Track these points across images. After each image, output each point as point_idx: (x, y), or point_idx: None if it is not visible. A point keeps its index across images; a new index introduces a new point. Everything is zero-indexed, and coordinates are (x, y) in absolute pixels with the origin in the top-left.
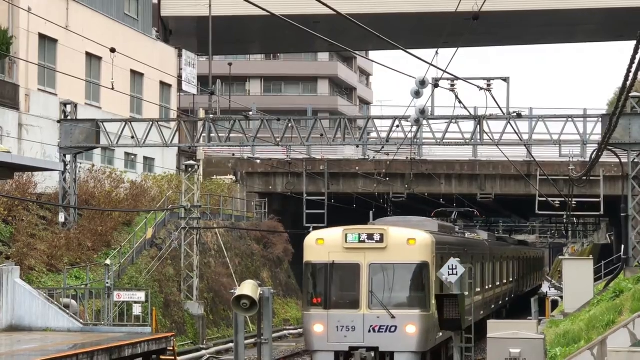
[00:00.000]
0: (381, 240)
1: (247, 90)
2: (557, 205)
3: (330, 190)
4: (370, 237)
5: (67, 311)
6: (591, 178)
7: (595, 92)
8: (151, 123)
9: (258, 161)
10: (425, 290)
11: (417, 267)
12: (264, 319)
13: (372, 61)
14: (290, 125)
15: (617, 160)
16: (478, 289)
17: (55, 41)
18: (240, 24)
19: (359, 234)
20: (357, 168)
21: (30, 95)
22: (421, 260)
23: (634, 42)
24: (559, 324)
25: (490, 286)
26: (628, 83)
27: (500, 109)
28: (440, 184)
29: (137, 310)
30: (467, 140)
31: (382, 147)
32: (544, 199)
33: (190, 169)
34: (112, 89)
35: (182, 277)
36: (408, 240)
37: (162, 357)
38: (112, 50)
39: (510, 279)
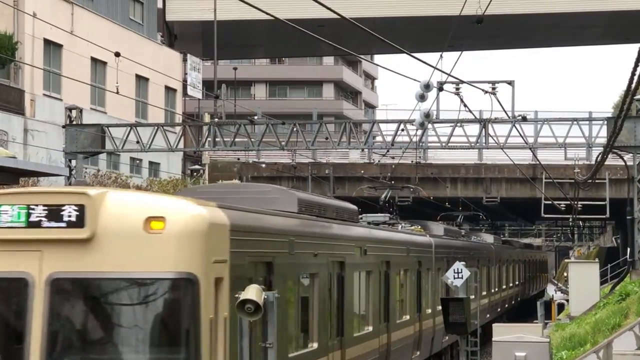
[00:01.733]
0: (80, 223)
1: (252, 94)
2: (563, 208)
3: (336, 194)
4: (55, 214)
5: None
6: (597, 181)
7: (601, 94)
8: (156, 128)
9: (263, 165)
10: (190, 342)
11: (168, 287)
12: (269, 323)
13: (377, 65)
14: (295, 129)
15: (623, 163)
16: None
17: (60, 46)
18: (245, 28)
19: (28, 209)
20: (363, 172)
21: (35, 101)
22: (178, 271)
23: (639, 45)
24: (565, 327)
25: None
26: (633, 86)
27: (506, 112)
28: (445, 188)
29: None
30: (472, 144)
31: (388, 151)
32: (550, 202)
33: (195, 174)
34: (117, 93)
35: None
36: (148, 221)
37: None
38: (117, 54)
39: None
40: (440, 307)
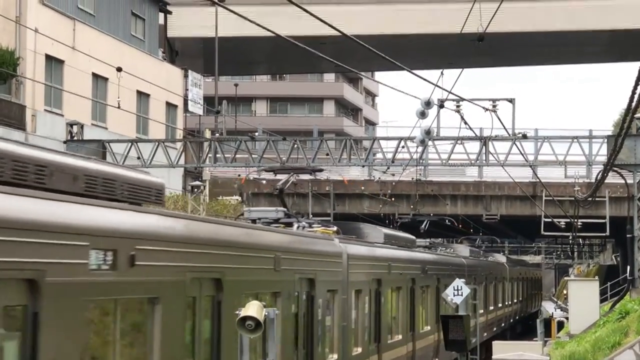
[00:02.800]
0: None
1: (253, 110)
2: (563, 226)
3: (336, 210)
4: None
5: None
6: (597, 199)
7: (601, 113)
8: (157, 143)
9: (264, 182)
10: None
11: None
12: (269, 339)
13: (378, 82)
14: (296, 145)
15: (623, 181)
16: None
17: (61, 62)
18: (246, 45)
19: None
20: (363, 188)
21: (36, 116)
22: None
23: (639, 63)
24: (564, 345)
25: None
26: (633, 104)
27: (506, 129)
28: (445, 205)
29: None
30: (473, 161)
31: (388, 168)
32: (550, 219)
33: (196, 190)
34: (119, 107)
35: None
36: None
37: None
38: (119, 69)
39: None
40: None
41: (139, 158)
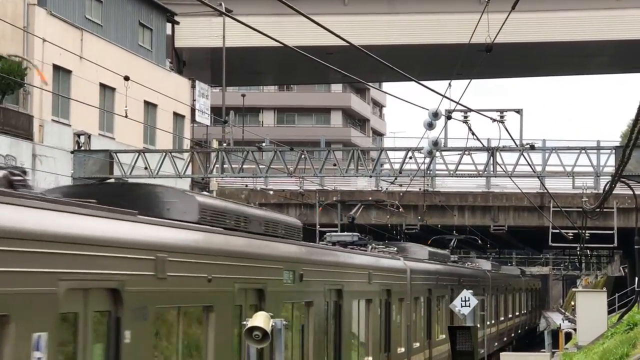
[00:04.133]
0: None
1: (261, 121)
2: (571, 237)
3: (343, 221)
4: None
5: None
6: (604, 210)
7: (609, 123)
8: (164, 154)
9: (271, 192)
10: None
11: None
12: (276, 350)
13: (385, 92)
14: (303, 156)
15: (631, 192)
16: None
17: (69, 72)
18: (254, 55)
19: None
20: (370, 199)
21: (44, 126)
22: None
23: None
24: (572, 356)
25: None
26: None
27: (514, 140)
28: (453, 216)
29: None
30: (480, 172)
31: (395, 179)
32: (558, 230)
33: None
34: (126, 116)
35: None
36: None
37: None
38: (126, 79)
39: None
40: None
41: (146, 168)
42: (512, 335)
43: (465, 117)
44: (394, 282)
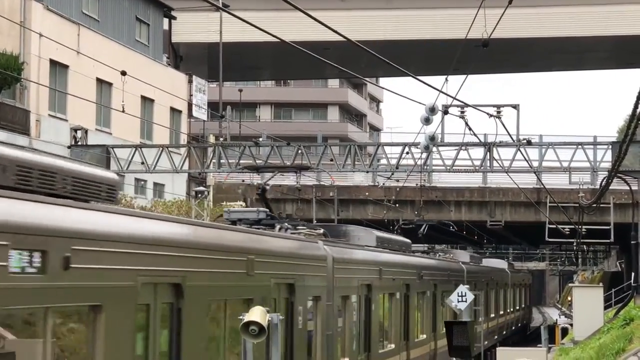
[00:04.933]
0: None
1: (257, 116)
2: (567, 232)
3: (340, 216)
4: None
5: None
6: (601, 205)
7: (605, 119)
8: (161, 149)
9: (268, 187)
10: None
11: None
12: (272, 345)
13: (382, 88)
14: (300, 151)
15: (627, 188)
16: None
17: (66, 67)
18: (251, 50)
19: None
20: (367, 194)
21: (40, 121)
22: None
23: None
24: (568, 351)
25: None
26: (638, 110)
27: (510, 136)
28: (449, 211)
29: None
30: (477, 167)
31: (392, 174)
32: (554, 226)
33: (200, 195)
34: (123, 111)
35: None
36: None
37: None
38: (123, 73)
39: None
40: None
41: (142, 163)
42: (495, 337)
43: (462, 112)
44: (299, 274)
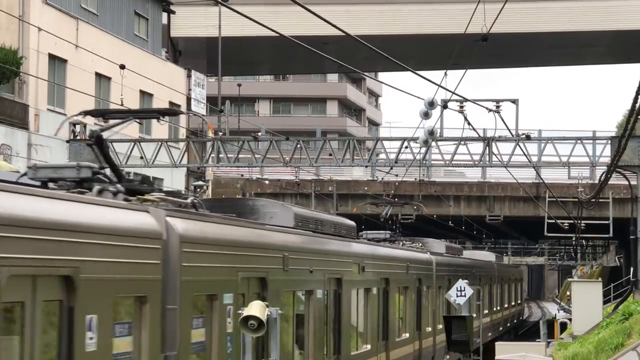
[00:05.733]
0: None
1: (256, 111)
2: (566, 227)
3: (339, 211)
4: None
5: None
6: (600, 200)
7: (604, 114)
8: (160, 143)
9: (267, 182)
10: None
11: None
12: (272, 339)
13: (381, 82)
14: (299, 146)
15: (627, 183)
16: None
17: (64, 61)
18: (250, 45)
19: None
20: (366, 189)
21: (39, 115)
22: None
23: None
24: (567, 346)
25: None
26: (637, 105)
27: (509, 130)
28: (449, 206)
29: None
30: (476, 162)
31: (391, 168)
32: (553, 221)
33: (198, 190)
34: (122, 105)
35: None
36: None
37: None
38: (122, 67)
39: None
40: (440, 326)
41: (141, 158)
42: (478, 341)
43: (461, 107)
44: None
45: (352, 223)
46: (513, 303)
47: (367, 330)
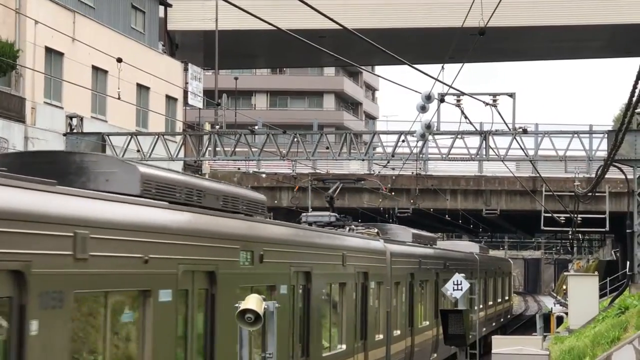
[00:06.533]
0: None
1: (253, 104)
2: (563, 221)
3: (336, 205)
4: None
5: None
6: (597, 194)
7: (601, 108)
8: (157, 137)
9: (263, 175)
10: None
11: None
12: (269, 333)
13: (378, 76)
14: (295, 139)
15: (623, 177)
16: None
17: (61, 54)
18: (247, 38)
19: None
20: (363, 183)
21: (36, 108)
22: None
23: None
24: (563, 340)
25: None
26: (634, 99)
27: (506, 124)
28: (445, 200)
29: None
30: (473, 156)
31: (388, 162)
32: (550, 214)
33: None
34: (119, 98)
35: None
36: None
37: None
38: (119, 60)
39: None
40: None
41: (138, 151)
42: (452, 348)
43: (458, 100)
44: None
45: (261, 196)
46: (499, 300)
47: (284, 340)
